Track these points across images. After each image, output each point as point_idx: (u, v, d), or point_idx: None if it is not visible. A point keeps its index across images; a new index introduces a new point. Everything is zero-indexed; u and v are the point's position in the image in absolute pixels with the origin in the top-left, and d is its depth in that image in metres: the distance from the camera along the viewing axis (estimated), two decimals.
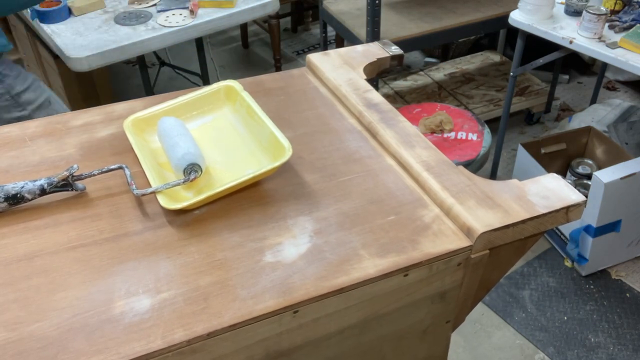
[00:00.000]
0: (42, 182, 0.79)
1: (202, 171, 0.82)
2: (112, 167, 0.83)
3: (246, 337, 0.66)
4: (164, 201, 0.76)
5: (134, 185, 0.80)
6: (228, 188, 0.79)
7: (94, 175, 0.82)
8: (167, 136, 0.85)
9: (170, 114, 0.93)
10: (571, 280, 2.16)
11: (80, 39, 1.82)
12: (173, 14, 1.97)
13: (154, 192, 0.79)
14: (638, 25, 1.87)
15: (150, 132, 0.92)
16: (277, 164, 0.80)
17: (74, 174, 0.80)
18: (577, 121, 2.61)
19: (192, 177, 0.80)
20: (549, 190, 0.82)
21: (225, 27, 2.11)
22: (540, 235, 0.82)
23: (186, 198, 0.80)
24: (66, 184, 0.79)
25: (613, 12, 1.97)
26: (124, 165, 0.83)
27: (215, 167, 0.86)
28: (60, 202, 0.80)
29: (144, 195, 0.79)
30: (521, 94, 2.90)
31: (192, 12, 1.97)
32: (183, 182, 0.80)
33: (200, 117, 0.94)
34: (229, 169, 0.86)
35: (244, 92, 0.94)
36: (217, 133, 0.92)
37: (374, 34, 2.29)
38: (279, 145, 0.83)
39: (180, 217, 0.78)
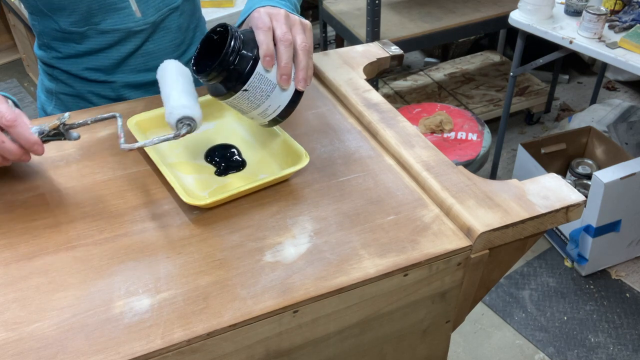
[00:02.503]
0: (34, 129, 0.76)
1: (197, 126, 0.76)
2: (105, 115, 0.79)
3: (246, 337, 0.66)
4: (185, 197, 0.76)
5: (122, 139, 0.75)
6: (250, 188, 0.80)
7: (87, 124, 0.79)
8: (163, 84, 0.80)
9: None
10: (571, 280, 2.16)
11: None
12: None
13: (141, 147, 0.74)
14: (638, 25, 1.87)
15: (154, 133, 0.92)
16: (297, 167, 0.82)
17: (66, 123, 0.77)
18: (577, 121, 2.61)
19: (183, 131, 0.74)
20: (549, 190, 0.82)
21: None
22: (540, 235, 0.82)
23: (203, 197, 0.81)
24: (58, 133, 0.77)
25: (613, 12, 1.97)
26: (117, 114, 0.78)
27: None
28: (60, 202, 0.80)
29: (130, 149, 0.74)
30: (521, 94, 2.91)
31: None
32: (173, 137, 0.74)
33: (204, 123, 0.94)
34: (241, 173, 0.87)
35: None
36: (223, 139, 0.92)
37: (374, 34, 2.29)
38: (294, 151, 0.85)
39: (180, 217, 0.78)
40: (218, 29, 0.78)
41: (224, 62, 0.74)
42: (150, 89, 1.09)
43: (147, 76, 1.08)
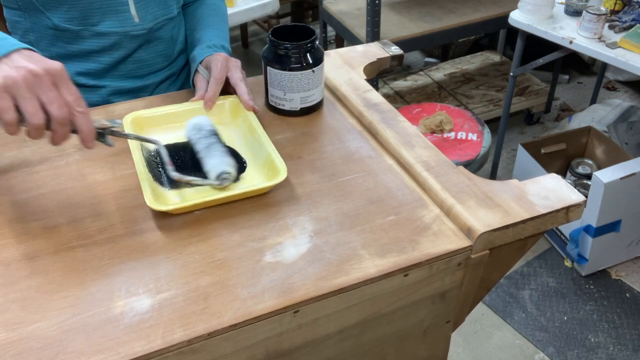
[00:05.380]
0: None
1: (233, 179, 0.83)
2: (148, 138, 0.84)
3: (246, 337, 0.66)
4: (151, 201, 0.76)
5: (171, 166, 0.81)
6: (216, 199, 0.79)
7: (129, 137, 0.82)
8: (202, 141, 0.87)
9: (172, 119, 0.93)
10: (571, 280, 2.16)
11: None
12: None
13: (187, 182, 0.82)
14: (638, 25, 1.87)
15: (148, 132, 0.92)
16: (270, 183, 0.81)
17: (113, 129, 0.78)
18: (577, 121, 2.61)
19: (225, 183, 0.82)
20: (549, 191, 0.82)
21: None
22: (540, 235, 0.82)
23: (174, 202, 0.80)
24: (100, 134, 0.77)
25: (613, 12, 1.97)
26: (159, 142, 0.84)
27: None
28: (60, 202, 0.80)
29: (179, 179, 0.81)
30: (521, 94, 2.91)
31: None
32: (217, 185, 0.82)
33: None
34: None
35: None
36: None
37: (374, 34, 2.29)
38: (275, 166, 0.83)
39: (180, 217, 0.78)
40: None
41: (311, 43, 0.94)
42: (139, 94, 1.09)
43: (137, 82, 1.08)
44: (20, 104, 0.67)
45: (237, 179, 0.84)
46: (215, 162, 0.83)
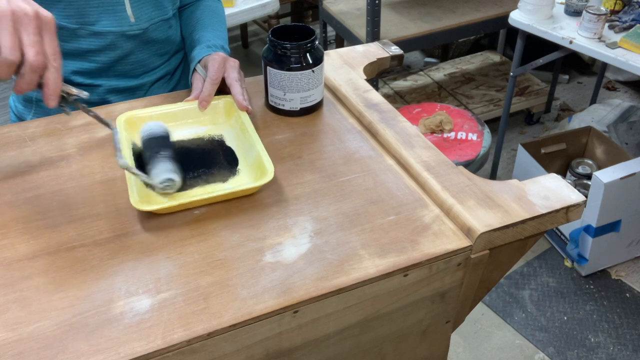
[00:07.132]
0: None
1: (176, 188, 0.82)
2: (106, 120, 0.83)
3: (246, 337, 0.66)
4: (135, 201, 0.76)
5: (121, 153, 0.79)
6: (202, 199, 0.79)
7: (88, 113, 0.81)
8: (150, 147, 0.85)
9: (167, 118, 0.93)
10: (571, 280, 2.16)
11: None
12: None
13: (132, 172, 0.79)
14: (638, 25, 1.87)
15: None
16: (256, 184, 0.80)
17: (77, 96, 0.78)
18: (577, 121, 2.61)
19: (167, 190, 0.81)
20: (549, 191, 0.82)
21: None
22: (540, 235, 0.82)
23: (160, 201, 0.80)
24: (63, 99, 0.77)
25: (613, 12, 1.97)
26: (115, 128, 0.83)
27: (199, 177, 0.85)
28: (60, 202, 0.80)
29: (126, 168, 0.78)
30: (521, 94, 2.91)
31: None
32: (160, 189, 0.80)
33: (195, 126, 0.94)
34: (210, 181, 0.85)
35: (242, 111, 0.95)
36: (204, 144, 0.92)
37: (374, 34, 2.30)
38: (263, 166, 0.83)
39: (180, 217, 0.78)
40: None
41: (311, 43, 0.94)
42: (136, 92, 1.09)
43: (132, 81, 1.08)
44: (0, 35, 0.67)
45: (181, 187, 0.82)
46: (164, 168, 0.81)
